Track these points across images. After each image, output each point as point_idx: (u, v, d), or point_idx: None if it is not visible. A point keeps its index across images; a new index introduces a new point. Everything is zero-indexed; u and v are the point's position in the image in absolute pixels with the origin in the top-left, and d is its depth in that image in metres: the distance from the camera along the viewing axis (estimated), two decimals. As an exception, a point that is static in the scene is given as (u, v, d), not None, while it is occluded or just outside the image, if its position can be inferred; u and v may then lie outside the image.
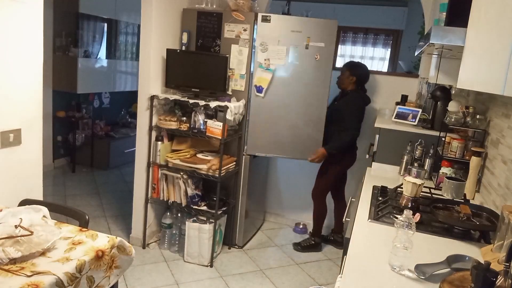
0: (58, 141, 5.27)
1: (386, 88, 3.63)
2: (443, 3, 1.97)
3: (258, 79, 3.18)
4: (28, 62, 2.03)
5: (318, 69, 3.16)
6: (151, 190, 3.29)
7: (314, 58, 3.13)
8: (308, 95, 3.21)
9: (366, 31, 6.67)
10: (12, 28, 1.92)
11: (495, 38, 1.45)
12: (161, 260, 3.20)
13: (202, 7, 3.26)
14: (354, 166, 3.43)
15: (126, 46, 5.83)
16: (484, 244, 1.68)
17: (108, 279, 1.66)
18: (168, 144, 3.26)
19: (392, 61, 6.54)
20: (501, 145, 2.06)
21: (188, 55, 3.22)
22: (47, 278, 1.38)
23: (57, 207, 2.00)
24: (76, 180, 4.93)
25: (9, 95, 1.95)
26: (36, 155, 2.16)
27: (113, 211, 4.10)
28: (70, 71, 4.91)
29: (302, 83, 3.19)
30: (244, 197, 3.41)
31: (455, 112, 2.41)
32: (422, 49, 2.25)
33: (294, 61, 3.16)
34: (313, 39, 3.11)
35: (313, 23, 3.13)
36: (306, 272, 3.21)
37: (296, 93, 3.22)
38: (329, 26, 3.11)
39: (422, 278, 1.33)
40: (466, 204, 1.96)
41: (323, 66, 3.16)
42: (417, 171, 2.47)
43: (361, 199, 2.14)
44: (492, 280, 1.10)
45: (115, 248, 1.68)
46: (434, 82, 2.60)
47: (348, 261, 1.46)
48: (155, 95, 3.14)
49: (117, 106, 6.11)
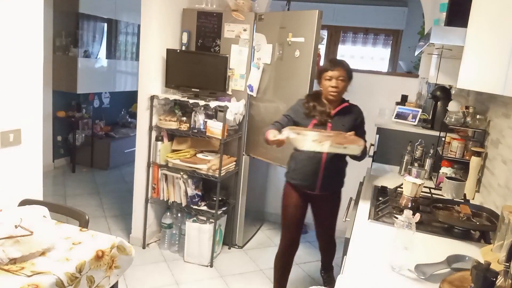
0: (58, 141, 5.27)
1: (386, 88, 3.62)
2: (443, 3, 1.97)
3: (250, 78, 3.17)
4: (28, 62, 2.03)
5: (299, 68, 2.84)
6: (151, 190, 3.29)
7: (295, 55, 2.85)
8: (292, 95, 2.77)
9: (366, 31, 6.66)
10: (12, 28, 1.92)
11: (495, 38, 1.45)
12: (161, 260, 3.20)
13: (202, 7, 3.26)
14: (354, 166, 3.42)
15: (126, 46, 5.83)
16: (484, 244, 1.68)
17: (108, 279, 1.66)
18: (168, 144, 3.26)
19: (392, 61, 6.53)
20: (501, 145, 2.06)
21: (188, 55, 3.22)
22: (47, 278, 1.38)
23: (57, 207, 2.00)
24: (76, 180, 4.93)
25: (9, 95, 1.95)
26: (36, 155, 2.16)
27: (113, 211, 4.10)
28: (70, 71, 4.91)
29: (286, 83, 2.96)
30: (244, 197, 3.41)
31: (455, 112, 2.41)
32: (422, 49, 2.25)
33: (278, 59, 3.01)
34: (294, 34, 2.87)
35: (295, 16, 2.91)
36: (306, 272, 3.20)
37: (281, 94, 3.01)
38: (309, 18, 2.77)
39: (422, 278, 1.33)
40: (466, 204, 1.96)
41: (303, 65, 2.80)
42: (417, 171, 2.47)
43: (361, 199, 2.14)
44: (492, 280, 1.10)
45: (115, 248, 1.68)
46: (434, 82, 2.59)
47: (348, 261, 1.46)
48: (155, 95, 3.14)
49: (117, 106, 6.10)
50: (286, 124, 2.31)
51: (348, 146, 2.03)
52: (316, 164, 2.36)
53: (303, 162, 2.40)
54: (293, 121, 2.38)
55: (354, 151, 2.09)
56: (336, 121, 2.34)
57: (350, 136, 2.10)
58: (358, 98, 3.72)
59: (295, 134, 2.01)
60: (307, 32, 2.79)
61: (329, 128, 2.31)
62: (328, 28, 6.48)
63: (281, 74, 3.02)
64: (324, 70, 2.34)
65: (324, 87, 2.34)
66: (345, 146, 2.03)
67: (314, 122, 2.33)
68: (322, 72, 2.35)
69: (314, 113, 2.33)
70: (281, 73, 3.02)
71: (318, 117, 2.32)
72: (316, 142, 1.96)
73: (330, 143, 1.97)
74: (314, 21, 2.75)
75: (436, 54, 2.54)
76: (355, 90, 3.78)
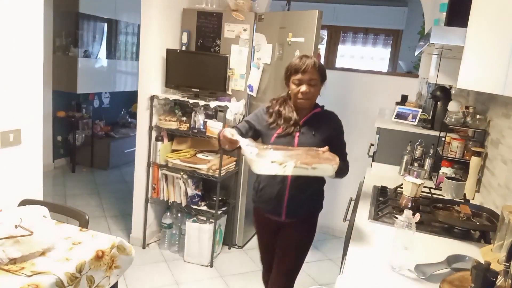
0: (58, 141, 5.27)
1: (386, 88, 3.63)
2: (443, 3, 1.96)
3: (250, 78, 3.17)
4: (28, 62, 2.03)
5: None
6: (151, 190, 3.29)
7: (295, 55, 2.73)
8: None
9: (366, 31, 6.66)
10: (12, 28, 1.92)
11: (495, 38, 1.45)
12: (161, 260, 3.20)
13: (202, 7, 3.26)
14: (354, 166, 3.41)
15: (126, 46, 5.83)
16: (484, 244, 1.68)
17: (108, 279, 1.65)
18: (168, 144, 3.26)
19: (392, 61, 6.53)
20: (501, 145, 2.06)
21: (188, 55, 3.22)
22: (47, 278, 1.38)
23: (57, 207, 2.00)
24: (76, 180, 4.93)
25: (9, 95, 1.95)
26: (36, 155, 2.16)
27: (113, 211, 4.10)
28: (70, 71, 4.91)
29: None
30: (244, 197, 3.41)
31: (455, 112, 2.41)
32: (422, 49, 2.24)
33: (278, 59, 3.04)
34: (295, 34, 2.88)
35: (295, 16, 2.94)
36: (306, 272, 3.20)
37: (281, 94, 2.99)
38: (309, 18, 2.79)
39: (422, 278, 1.33)
40: (466, 204, 1.96)
41: None
42: (417, 171, 2.47)
43: (361, 199, 2.14)
44: (492, 280, 1.10)
45: (115, 248, 1.68)
46: (434, 82, 2.60)
47: (348, 261, 1.46)
48: (155, 95, 3.14)
49: (117, 106, 6.11)
50: (246, 131, 1.96)
51: (317, 166, 1.63)
52: (279, 184, 1.92)
53: (266, 181, 1.98)
54: (255, 129, 1.98)
55: (325, 172, 1.69)
56: (306, 130, 1.92)
57: (324, 152, 1.71)
58: (358, 98, 3.75)
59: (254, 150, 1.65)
60: (307, 32, 2.80)
61: (296, 139, 1.90)
62: (328, 28, 6.48)
63: (281, 74, 2.99)
64: (292, 72, 1.92)
65: (292, 92, 1.92)
66: (314, 167, 1.62)
67: (279, 131, 1.92)
68: (289, 74, 1.94)
69: (279, 122, 1.93)
70: (281, 73, 2.98)
71: (283, 126, 1.91)
72: (277, 163, 1.59)
73: (294, 164, 1.58)
74: (314, 21, 2.75)
75: (436, 54, 2.54)
76: (355, 90, 3.81)
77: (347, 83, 3.74)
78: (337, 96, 3.67)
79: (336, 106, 3.84)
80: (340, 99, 3.70)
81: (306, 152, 1.71)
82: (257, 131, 1.98)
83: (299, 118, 1.93)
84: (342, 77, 3.76)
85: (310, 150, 1.73)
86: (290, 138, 1.90)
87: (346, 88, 3.74)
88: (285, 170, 1.59)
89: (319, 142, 1.83)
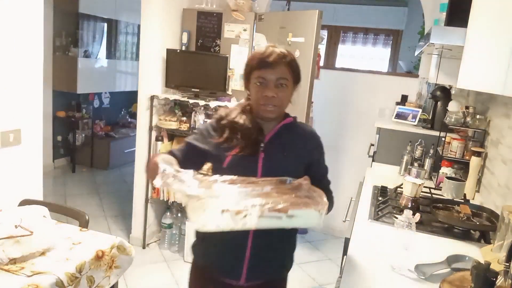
0: (58, 141, 5.27)
1: (386, 88, 3.63)
2: (443, 3, 1.96)
3: None
4: (28, 62, 2.03)
5: None
6: (151, 190, 3.29)
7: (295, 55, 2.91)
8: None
9: (366, 31, 6.66)
10: (12, 28, 1.92)
11: (495, 38, 1.45)
12: (161, 260, 3.20)
13: (202, 7, 3.26)
14: (354, 166, 3.41)
15: (126, 46, 5.84)
16: (484, 244, 1.68)
17: (108, 279, 1.65)
18: (168, 144, 3.26)
19: (392, 61, 6.53)
20: (501, 145, 2.06)
21: (188, 55, 3.22)
22: (47, 278, 1.38)
23: (57, 207, 2.00)
24: (76, 180, 4.93)
25: (9, 95, 1.95)
26: (36, 155, 2.16)
27: (113, 211, 4.09)
28: (70, 71, 4.91)
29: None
30: (244, 197, 3.40)
31: (455, 112, 2.41)
32: (422, 49, 2.25)
33: None
34: (294, 34, 2.87)
35: (295, 16, 2.94)
36: (306, 272, 3.20)
37: None
38: (309, 18, 2.78)
39: (422, 278, 1.33)
40: (466, 204, 1.96)
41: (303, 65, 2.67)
42: (417, 171, 2.46)
43: (361, 199, 2.13)
44: (492, 280, 1.10)
45: (115, 248, 1.68)
46: (434, 82, 2.60)
47: (348, 261, 1.46)
48: (155, 95, 3.14)
49: (117, 106, 6.11)
50: (184, 158, 1.37)
51: (296, 213, 1.08)
52: (239, 235, 1.20)
53: None
54: (199, 151, 1.39)
55: (308, 221, 1.15)
56: (273, 150, 1.34)
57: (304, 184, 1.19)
58: (358, 98, 3.75)
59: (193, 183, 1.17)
60: (307, 32, 2.80)
61: (260, 162, 1.32)
62: (328, 28, 6.48)
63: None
64: (253, 67, 1.34)
65: (254, 96, 1.35)
66: (290, 214, 1.07)
67: (235, 152, 1.33)
68: (249, 69, 1.37)
69: (233, 139, 1.34)
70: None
71: (240, 144, 1.32)
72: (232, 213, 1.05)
73: (259, 213, 1.05)
74: (314, 21, 2.75)
75: (436, 54, 2.54)
76: (355, 90, 3.82)
77: (347, 83, 3.74)
78: (337, 96, 3.67)
79: (336, 106, 3.87)
80: (340, 99, 3.70)
81: (276, 187, 1.16)
82: (203, 153, 1.39)
83: (263, 133, 1.36)
84: (342, 77, 3.76)
85: (281, 183, 1.18)
86: (251, 162, 1.32)
87: (346, 88, 3.74)
88: (245, 222, 1.05)
89: (293, 168, 1.32)
